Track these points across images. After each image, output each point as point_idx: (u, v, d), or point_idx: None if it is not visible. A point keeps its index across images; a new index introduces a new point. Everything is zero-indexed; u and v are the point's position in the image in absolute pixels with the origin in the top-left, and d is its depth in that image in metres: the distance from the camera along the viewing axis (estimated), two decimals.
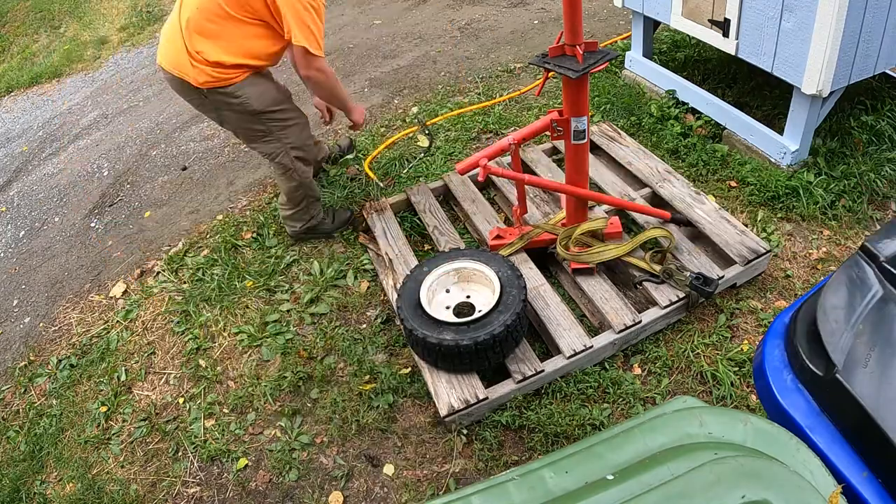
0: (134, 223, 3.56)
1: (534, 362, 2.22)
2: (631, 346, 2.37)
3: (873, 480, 1.30)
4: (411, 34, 5.02)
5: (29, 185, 4.17)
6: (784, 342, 1.60)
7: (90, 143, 4.48)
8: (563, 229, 2.57)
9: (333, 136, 3.92)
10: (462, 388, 2.17)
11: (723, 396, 2.18)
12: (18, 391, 2.72)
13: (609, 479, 1.13)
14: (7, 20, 7.15)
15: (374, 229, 2.90)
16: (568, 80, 2.13)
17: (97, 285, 3.17)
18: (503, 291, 2.21)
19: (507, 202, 2.98)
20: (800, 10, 2.47)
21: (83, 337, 2.86)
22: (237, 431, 2.34)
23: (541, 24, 4.85)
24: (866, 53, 2.54)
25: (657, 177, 2.90)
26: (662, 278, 2.41)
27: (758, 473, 1.08)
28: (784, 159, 2.89)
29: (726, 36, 2.86)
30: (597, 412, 2.15)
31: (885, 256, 1.52)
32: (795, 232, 2.74)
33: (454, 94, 4.07)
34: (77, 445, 2.42)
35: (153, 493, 2.22)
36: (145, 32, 6.24)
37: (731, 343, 2.34)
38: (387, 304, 2.69)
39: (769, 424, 1.24)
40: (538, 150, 3.24)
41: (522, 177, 2.47)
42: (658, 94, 3.53)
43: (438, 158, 3.45)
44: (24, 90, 5.65)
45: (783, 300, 2.47)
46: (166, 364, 2.66)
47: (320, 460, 2.22)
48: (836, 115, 3.04)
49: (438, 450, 2.18)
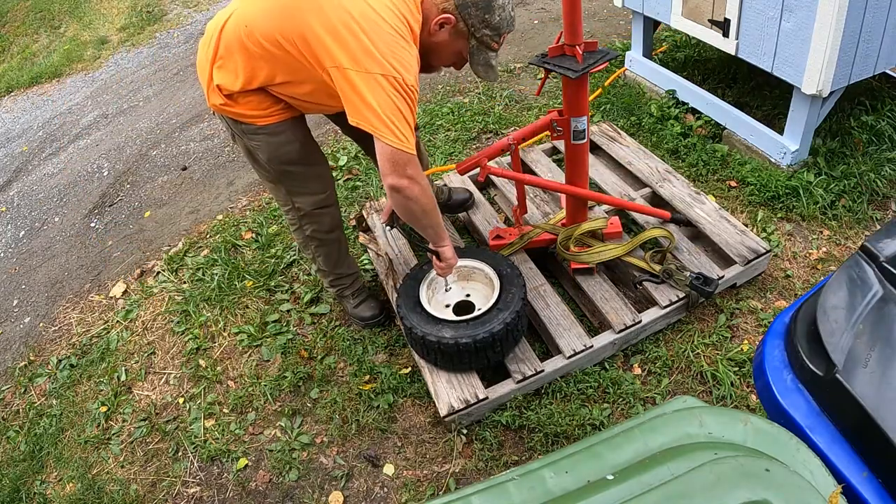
0: (134, 223, 3.56)
1: (534, 362, 2.22)
2: (631, 346, 2.37)
3: (873, 480, 1.29)
4: None
5: (29, 185, 4.17)
6: (784, 342, 1.59)
7: (90, 143, 4.48)
8: (563, 229, 2.57)
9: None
10: (462, 387, 2.17)
11: (723, 396, 2.18)
12: (18, 391, 2.72)
13: (609, 479, 1.13)
14: (7, 20, 7.15)
15: (374, 229, 2.90)
16: (568, 80, 2.13)
17: (97, 285, 3.17)
18: (503, 289, 2.21)
19: (507, 202, 2.98)
20: (800, 10, 2.47)
21: (83, 337, 2.87)
22: (237, 431, 2.34)
23: (541, 24, 4.85)
24: (866, 53, 2.54)
25: (657, 177, 2.90)
26: (662, 278, 2.41)
27: (758, 473, 1.08)
28: (784, 159, 2.89)
29: (726, 36, 2.86)
30: (597, 412, 2.15)
31: (885, 256, 1.52)
32: (795, 232, 2.74)
33: (454, 94, 4.07)
34: (77, 445, 2.42)
35: (153, 493, 2.22)
36: (145, 32, 6.24)
37: (731, 343, 2.34)
38: (387, 305, 2.69)
39: (769, 424, 1.24)
40: (538, 150, 3.24)
41: (522, 177, 2.47)
42: (658, 94, 3.53)
43: (438, 158, 3.45)
44: (24, 90, 5.66)
45: (783, 300, 2.47)
46: (166, 364, 2.66)
47: (320, 460, 2.22)
48: (836, 115, 3.04)
49: (438, 450, 2.18)
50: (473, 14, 1.83)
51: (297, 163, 2.08)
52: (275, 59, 1.77)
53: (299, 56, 1.74)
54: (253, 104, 1.90)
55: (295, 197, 2.19)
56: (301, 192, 2.17)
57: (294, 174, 2.11)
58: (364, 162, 3.53)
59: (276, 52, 1.75)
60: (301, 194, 2.18)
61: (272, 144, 1.99)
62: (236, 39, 1.79)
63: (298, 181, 2.15)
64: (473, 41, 1.91)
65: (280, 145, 2.00)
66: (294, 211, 2.23)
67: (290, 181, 2.14)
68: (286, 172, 2.10)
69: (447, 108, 3.88)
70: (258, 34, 1.74)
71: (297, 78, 1.82)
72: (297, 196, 2.18)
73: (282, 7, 1.72)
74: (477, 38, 1.89)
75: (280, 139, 1.99)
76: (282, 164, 2.06)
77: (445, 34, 1.88)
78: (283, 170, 2.08)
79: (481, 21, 1.84)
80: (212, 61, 1.86)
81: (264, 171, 2.13)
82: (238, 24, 1.79)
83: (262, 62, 1.79)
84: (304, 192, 2.17)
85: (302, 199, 2.19)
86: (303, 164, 2.10)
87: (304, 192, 2.17)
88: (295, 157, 2.05)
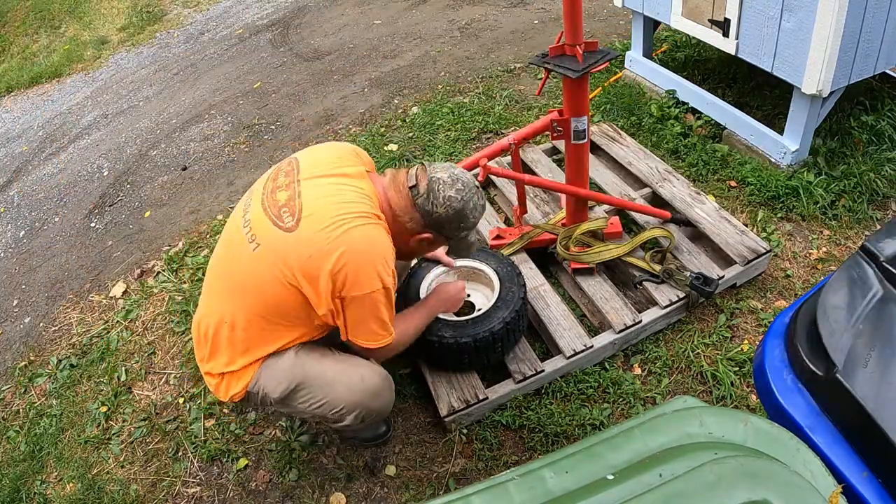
0: (134, 223, 3.56)
1: (534, 362, 2.22)
2: (631, 346, 2.37)
3: (873, 480, 1.29)
4: (411, 34, 5.02)
5: (29, 185, 4.17)
6: (784, 342, 1.60)
7: (90, 143, 4.48)
8: (563, 229, 2.57)
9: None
10: (462, 388, 2.17)
11: (723, 396, 2.18)
12: (18, 391, 2.72)
13: (609, 479, 1.13)
14: (7, 20, 7.15)
15: None
16: (568, 80, 2.13)
17: (97, 285, 3.17)
18: (503, 288, 2.21)
19: (508, 202, 2.98)
20: (800, 10, 2.47)
21: (83, 337, 2.86)
22: (237, 431, 2.34)
23: (541, 23, 4.85)
24: (866, 53, 2.54)
25: (657, 177, 2.90)
26: (662, 278, 2.41)
27: (758, 473, 1.08)
28: (784, 159, 2.89)
29: (726, 36, 2.86)
30: (597, 412, 2.15)
31: (885, 256, 1.52)
32: (795, 232, 2.74)
33: (454, 94, 4.07)
34: (77, 445, 2.42)
35: (153, 493, 2.22)
36: (145, 32, 6.25)
37: (731, 343, 2.34)
38: None
39: (769, 424, 1.24)
40: (538, 150, 3.24)
41: (522, 177, 2.47)
42: (658, 93, 3.53)
43: (438, 159, 3.45)
44: (24, 90, 5.66)
45: (783, 300, 2.47)
46: (166, 364, 2.66)
47: (320, 460, 2.22)
48: (836, 115, 3.04)
49: (438, 450, 2.18)
50: (449, 228, 1.77)
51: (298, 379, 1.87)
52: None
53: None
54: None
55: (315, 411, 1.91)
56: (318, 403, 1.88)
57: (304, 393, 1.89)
58: None
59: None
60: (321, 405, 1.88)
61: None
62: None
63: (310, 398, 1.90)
64: (452, 241, 1.87)
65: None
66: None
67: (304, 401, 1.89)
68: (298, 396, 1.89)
69: (447, 108, 3.88)
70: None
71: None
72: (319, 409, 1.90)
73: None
74: (456, 238, 1.85)
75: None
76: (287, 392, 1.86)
77: (425, 243, 1.82)
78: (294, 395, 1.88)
79: (458, 228, 1.78)
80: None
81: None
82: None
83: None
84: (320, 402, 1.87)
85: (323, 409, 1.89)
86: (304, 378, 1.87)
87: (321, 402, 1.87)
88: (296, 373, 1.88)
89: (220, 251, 1.89)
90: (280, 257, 1.64)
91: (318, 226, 1.62)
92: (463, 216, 1.75)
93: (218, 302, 1.81)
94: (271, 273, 1.65)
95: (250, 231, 1.72)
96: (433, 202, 1.71)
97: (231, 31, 5.86)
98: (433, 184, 1.71)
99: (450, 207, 1.71)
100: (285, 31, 5.56)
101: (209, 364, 1.83)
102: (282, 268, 1.64)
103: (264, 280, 1.67)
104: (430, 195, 1.71)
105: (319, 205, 1.65)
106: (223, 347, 1.79)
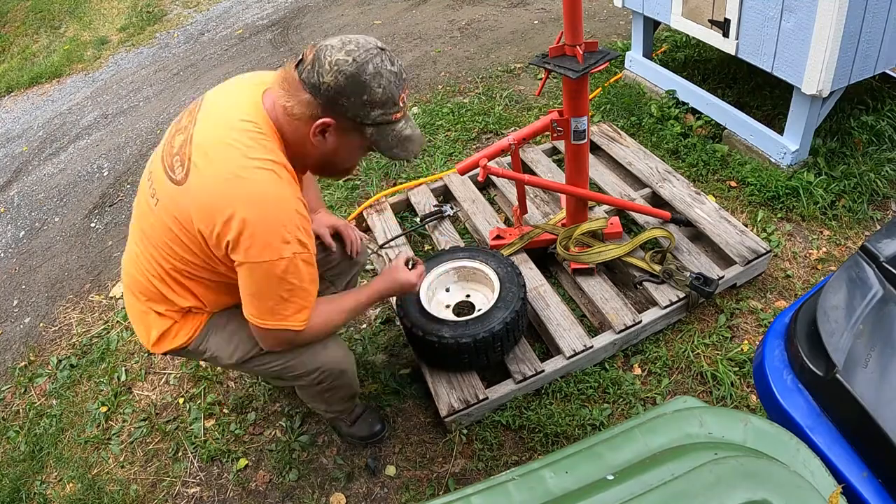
0: None
1: (534, 362, 2.22)
2: (631, 346, 2.37)
3: (873, 480, 1.29)
4: (411, 34, 5.03)
5: (29, 186, 4.17)
6: (784, 342, 1.60)
7: (90, 143, 4.48)
8: (563, 229, 2.57)
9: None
10: (462, 388, 2.17)
11: (723, 396, 2.18)
12: (18, 391, 2.72)
13: (609, 479, 1.13)
14: (7, 20, 7.15)
15: (374, 229, 2.90)
16: (568, 81, 2.13)
17: (97, 285, 3.17)
18: (502, 288, 2.21)
19: (507, 202, 2.98)
20: (800, 10, 2.47)
21: (83, 337, 2.87)
22: (237, 431, 2.34)
23: (541, 24, 4.85)
24: (866, 53, 2.54)
25: (657, 177, 2.90)
26: (662, 278, 2.41)
27: (758, 474, 1.08)
28: (784, 159, 2.89)
29: (726, 36, 2.86)
30: (597, 412, 2.15)
31: (885, 256, 1.52)
32: (795, 232, 2.74)
33: (454, 95, 4.07)
34: (77, 445, 2.42)
35: (153, 493, 2.22)
36: (145, 32, 6.24)
37: (731, 343, 2.34)
38: (387, 305, 2.69)
39: (769, 424, 1.24)
40: (538, 150, 3.24)
41: (522, 177, 2.47)
42: (658, 94, 3.53)
43: (438, 158, 3.45)
44: (24, 90, 5.65)
45: (783, 300, 2.47)
46: (166, 364, 2.66)
47: (320, 460, 2.22)
48: (836, 115, 3.04)
49: (438, 450, 2.18)
50: (348, 104, 1.40)
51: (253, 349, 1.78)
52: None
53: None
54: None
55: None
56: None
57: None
58: (363, 162, 3.53)
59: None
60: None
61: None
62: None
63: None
64: (369, 129, 1.46)
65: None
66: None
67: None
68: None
69: (447, 108, 3.88)
70: None
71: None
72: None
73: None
74: (370, 123, 1.44)
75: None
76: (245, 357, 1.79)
77: (333, 138, 1.47)
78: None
79: (362, 105, 1.40)
80: None
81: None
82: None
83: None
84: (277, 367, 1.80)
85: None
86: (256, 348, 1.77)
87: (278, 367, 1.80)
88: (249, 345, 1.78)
89: (136, 204, 1.72)
90: (172, 214, 1.50)
91: (204, 177, 1.43)
92: (361, 84, 1.37)
93: (138, 256, 1.68)
94: (171, 231, 1.53)
95: (152, 185, 1.58)
96: (318, 70, 1.37)
97: (231, 32, 5.86)
98: (319, 51, 1.39)
99: (339, 73, 1.36)
100: (285, 32, 5.56)
101: (146, 304, 1.70)
102: (179, 224, 1.50)
103: (170, 237, 1.54)
104: (315, 63, 1.38)
105: (207, 149, 1.45)
106: (155, 297, 1.68)
